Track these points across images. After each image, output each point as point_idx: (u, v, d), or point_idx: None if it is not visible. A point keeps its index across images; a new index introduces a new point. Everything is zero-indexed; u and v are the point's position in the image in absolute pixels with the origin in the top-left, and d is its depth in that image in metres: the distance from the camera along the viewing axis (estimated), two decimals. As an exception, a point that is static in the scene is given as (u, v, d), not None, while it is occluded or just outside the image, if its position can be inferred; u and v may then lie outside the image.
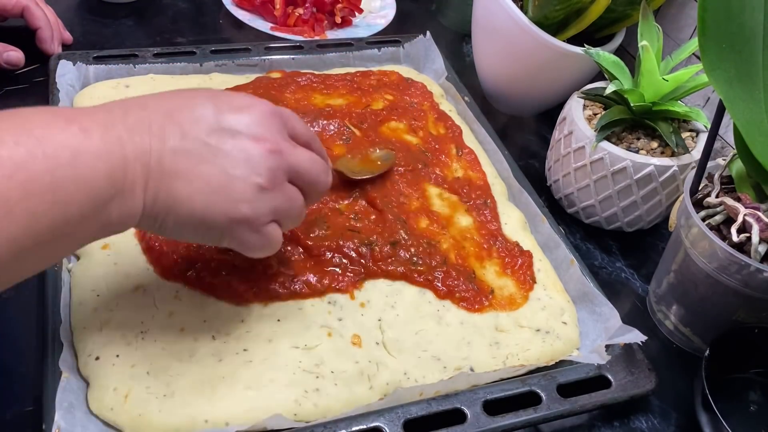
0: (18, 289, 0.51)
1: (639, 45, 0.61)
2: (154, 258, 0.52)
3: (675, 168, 0.61)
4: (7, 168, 0.32)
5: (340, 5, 0.91)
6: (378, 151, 0.65)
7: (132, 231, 0.54)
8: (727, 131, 0.70)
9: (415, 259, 0.56)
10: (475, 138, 0.73)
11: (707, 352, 0.50)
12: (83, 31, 0.81)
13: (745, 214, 0.50)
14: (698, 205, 0.54)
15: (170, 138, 0.39)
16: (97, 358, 0.46)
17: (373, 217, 0.59)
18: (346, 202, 0.60)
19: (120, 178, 0.36)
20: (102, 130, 0.36)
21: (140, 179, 0.37)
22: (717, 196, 0.53)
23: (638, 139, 0.64)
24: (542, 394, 0.49)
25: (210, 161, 0.39)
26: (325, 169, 0.46)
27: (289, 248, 0.54)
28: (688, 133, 0.64)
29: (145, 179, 0.38)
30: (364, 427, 0.45)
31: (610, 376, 0.51)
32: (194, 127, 0.39)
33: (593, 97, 0.66)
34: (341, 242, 0.55)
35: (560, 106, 0.70)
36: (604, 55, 0.64)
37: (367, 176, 0.61)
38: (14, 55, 0.71)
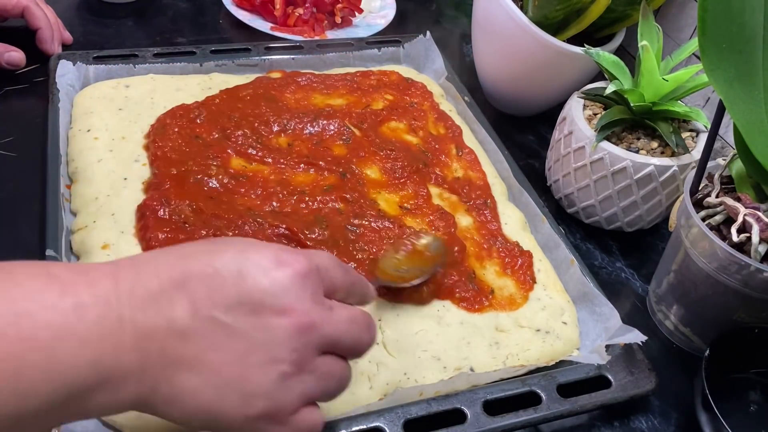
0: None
1: (639, 45, 0.61)
2: (154, 258, 0.52)
3: (675, 168, 0.61)
4: None
5: (340, 5, 0.91)
6: (424, 238, 0.55)
7: (132, 230, 0.54)
8: (727, 131, 0.70)
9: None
10: (475, 138, 0.73)
11: (707, 352, 0.50)
12: (83, 31, 0.81)
13: (745, 214, 0.50)
14: (698, 205, 0.54)
15: (179, 316, 0.33)
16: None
17: (372, 214, 0.59)
18: (348, 197, 0.60)
19: (108, 367, 0.31)
20: (101, 308, 0.31)
21: (135, 369, 0.32)
22: (717, 196, 0.53)
23: (638, 139, 0.64)
24: (542, 394, 0.49)
25: (222, 347, 0.33)
26: (368, 325, 0.39)
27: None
28: (688, 133, 0.64)
29: (142, 369, 0.32)
30: (364, 427, 0.45)
31: (610, 376, 0.51)
32: (209, 301, 0.34)
33: (593, 97, 0.66)
34: (341, 243, 0.55)
35: (560, 106, 0.70)
36: (604, 55, 0.64)
37: (417, 280, 0.53)
38: (15, 55, 0.71)
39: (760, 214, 0.49)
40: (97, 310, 0.31)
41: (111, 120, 0.64)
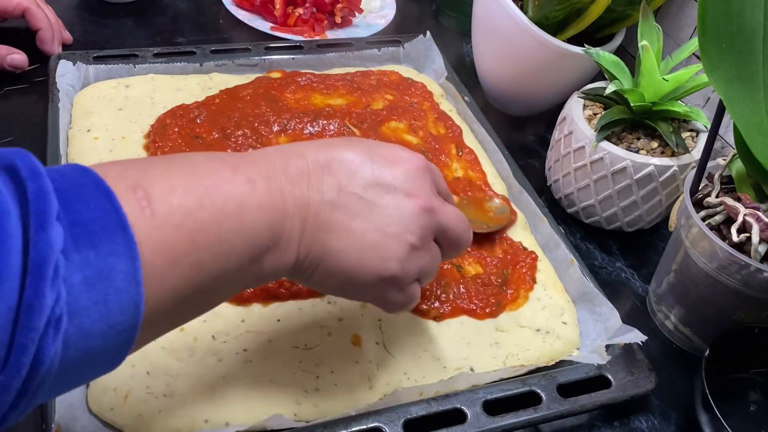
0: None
1: (639, 45, 0.61)
2: (154, 258, 0.52)
3: (675, 168, 0.61)
4: (177, 217, 0.31)
5: (340, 5, 0.91)
6: (495, 201, 0.63)
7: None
8: (727, 131, 0.70)
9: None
10: (475, 138, 0.73)
11: (707, 352, 0.50)
12: (83, 31, 0.81)
13: (745, 214, 0.50)
14: (698, 205, 0.54)
15: (328, 191, 0.38)
16: (97, 358, 0.46)
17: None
18: None
19: (279, 230, 0.36)
20: (266, 181, 0.36)
21: (297, 232, 0.37)
22: (717, 196, 0.53)
23: (638, 139, 0.64)
24: (542, 394, 0.49)
25: (365, 216, 0.39)
26: (468, 228, 0.45)
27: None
28: (688, 133, 0.64)
29: (301, 232, 0.37)
30: (364, 427, 0.45)
31: (610, 376, 0.51)
32: (351, 181, 0.39)
33: (593, 97, 0.66)
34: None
35: (560, 106, 0.70)
36: (604, 55, 0.64)
37: (481, 231, 0.59)
38: (18, 57, 0.71)
39: (760, 214, 0.49)
40: (264, 184, 0.36)
41: (111, 120, 0.64)
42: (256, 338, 0.49)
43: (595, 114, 0.66)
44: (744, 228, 0.50)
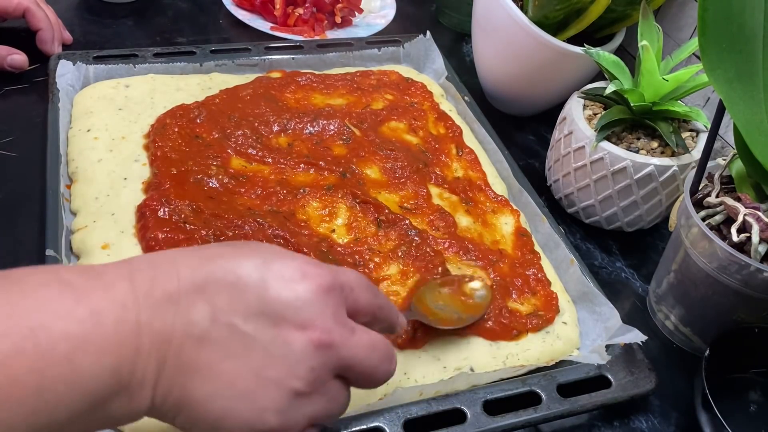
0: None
1: (639, 45, 0.61)
2: (154, 258, 0.52)
3: (675, 168, 0.61)
4: None
5: (340, 5, 0.91)
6: (474, 282, 0.54)
7: (132, 230, 0.54)
8: (727, 131, 0.70)
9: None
10: (475, 138, 0.73)
11: (707, 352, 0.50)
12: (83, 31, 0.81)
13: (745, 214, 0.50)
14: (698, 205, 0.54)
15: (198, 321, 0.32)
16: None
17: (372, 228, 0.59)
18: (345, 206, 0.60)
19: (128, 372, 0.31)
20: (118, 311, 0.30)
21: (151, 374, 0.31)
22: (717, 196, 0.53)
23: (638, 139, 0.64)
24: (542, 394, 0.49)
25: (239, 356, 0.33)
26: (387, 356, 0.38)
27: (289, 248, 0.54)
28: (688, 133, 0.64)
29: (157, 373, 0.32)
30: (364, 427, 0.45)
31: (610, 376, 0.51)
32: (231, 307, 0.33)
33: (593, 97, 0.66)
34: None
35: (560, 106, 0.70)
36: (604, 55, 0.64)
37: (449, 327, 0.51)
38: (18, 58, 0.71)
39: (760, 214, 0.49)
40: (114, 315, 0.30)
41: (111, 120, 0.64)
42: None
43: (595, 114, 0.66)
44: (744, 228, 0.50)
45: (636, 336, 0.52)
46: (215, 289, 0.33)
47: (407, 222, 0.59)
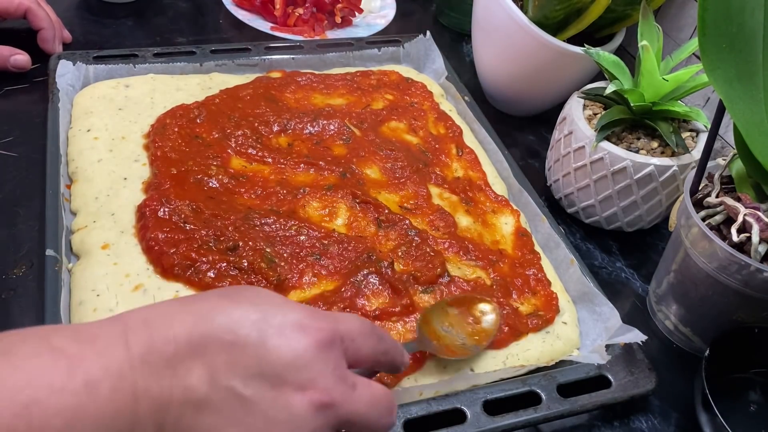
0: (18, 289, 0.52)
1: (639, 45, 0.61)
2: (154, 258, 0.52)
3: (675, 168, 0.61)
4: None
5: (340, 5, 0.91)
6: (485, 306, 0.53)
7: (132, 230, 0.54)
8: (727, 131, 0.70)
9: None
10: (475, 138, 0.73)
11: (707, 352, 0.50)
12: (83, 31, 0.81)
13: (745, 214, 0.50)
14: (698, 205, 0.54)
15: (196, 385, 0.31)
16: (97, 358, 0.46)
17: (372, 228, 0.59)
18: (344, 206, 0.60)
19: None
20: (114, 381, 0.29)
21: None
22: (717, 196, 0.53)
23: (638, 139, 0.64)
24: (542, 394, 0.49)
25: (239, 421, 0.32)
26: (388, 410, 0.37)
27: (289, 248, 0.54)
28: (688, 133, 0.64)
29: None
30: (364, 427, 0.45)
31: (610, 376, 0.51)
32: (230, 369, 0.32)
33: (593, 97, 0.66)
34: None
35: (560, 106, 0.70)
36: (604, 55, 0.64)
37: (462, 357, 0.50)
38: (21, 58, 0.71)
39: (760, 214, 0.49)
40: (110, 384, 0.29)
41: (111, 120, 0.64)
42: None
43: (595, 114, 0.66)
44: (744, 228, 0.50)
45: (636, 336, 0.52)
46: (213, 349, 0.32)
47: (407, 222, 0.59)
